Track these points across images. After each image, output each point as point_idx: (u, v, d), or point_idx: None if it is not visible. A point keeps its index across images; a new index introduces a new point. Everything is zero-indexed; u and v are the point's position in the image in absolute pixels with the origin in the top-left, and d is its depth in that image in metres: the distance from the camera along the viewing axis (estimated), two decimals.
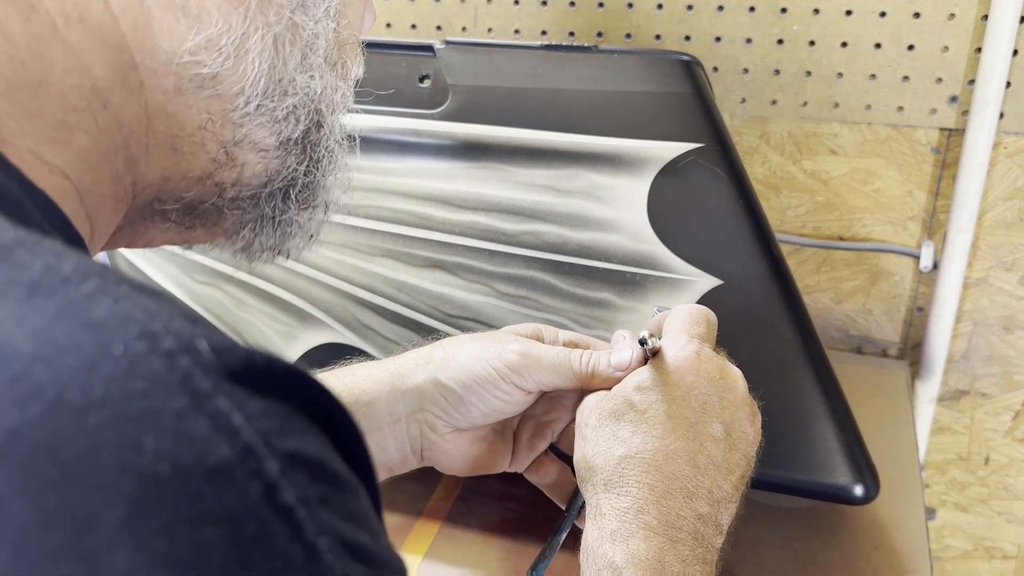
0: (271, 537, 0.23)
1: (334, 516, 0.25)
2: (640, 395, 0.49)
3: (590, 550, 0.47)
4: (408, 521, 0.70)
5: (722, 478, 0.48)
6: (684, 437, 0.48)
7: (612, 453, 0.48)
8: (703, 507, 0.47)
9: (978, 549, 1.01)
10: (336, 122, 0.44)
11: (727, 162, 0.64)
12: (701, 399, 0.49)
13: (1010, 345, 0.91)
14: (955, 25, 0.81)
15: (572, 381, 0.53)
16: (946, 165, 0.87)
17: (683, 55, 0.65)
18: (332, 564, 0.24)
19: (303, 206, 0.44)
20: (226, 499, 0.22)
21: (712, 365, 0.50)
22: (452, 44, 0.69)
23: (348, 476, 0.26)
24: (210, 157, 0.39)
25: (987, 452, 0.96)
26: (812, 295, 0.95)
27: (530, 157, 0.68)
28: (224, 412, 0.23)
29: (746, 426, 0.50)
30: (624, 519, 0.46)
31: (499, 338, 0.56)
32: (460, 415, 0.55)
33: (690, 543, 0.46)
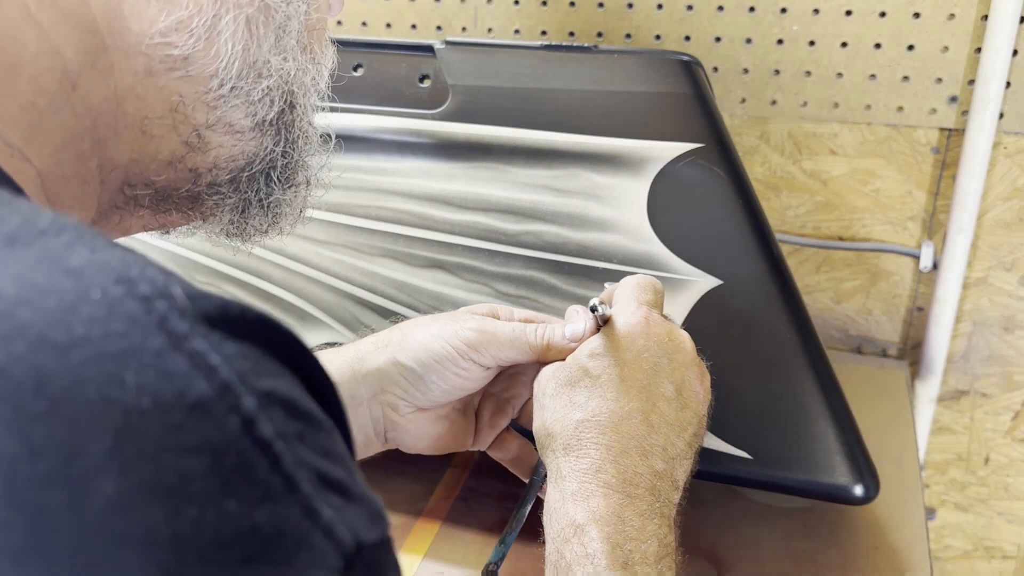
0: (251, 467, 0.24)
1: (310, 452, 0.26)
2: (593, 361, 0.51)
3: (552, 511, 0.48)
4: (408, 521, 0.70)
5: (675, 435, 0.50)
6: (637, 398, 0.49)
7: (569, 418, 0.50)
8: (659, 464, 0.49)
9: (978, 549, 1.01)
10: (308, 103, 0.44)
11: (727, 162, 0.64)
12: (652, 361, 0.51)
13: (1010, 345, 0.91)
14: (955, 25, 0.81)
15: (528, 354, 0.55)
16: (946, 165, 0.87)
17: (683, 55, 0.65)
18: (310, 493, 0.25)
19: (286, 185, 0.45)
20: (207, 431, 0.23)
21: (661, 329, 0.52)
22: (452, 44, 0.69)
23: (322, 417, 0.27)
24: (181, 140, 0.39)
25: (987, 452, 0.96)
26: (812, 295, 0.95)
27: (530, 157, 0.68)
28: (201, 352, 0.24)
29: (696, 385, 0.52)
30: (584, 479, 0.47)
31: (456, 317, 0.57)
32: (421, 394, 0.57)
33: (648, 499, 0.47)
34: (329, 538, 0.25)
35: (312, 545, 0.24)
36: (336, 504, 0.25)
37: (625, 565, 0.45)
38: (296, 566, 0.24)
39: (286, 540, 0.24)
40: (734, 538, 0.67)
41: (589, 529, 0.46)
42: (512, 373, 0.60)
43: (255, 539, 0.23)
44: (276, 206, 0.45)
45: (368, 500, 0.27)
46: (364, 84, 0.72)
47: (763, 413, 0.64)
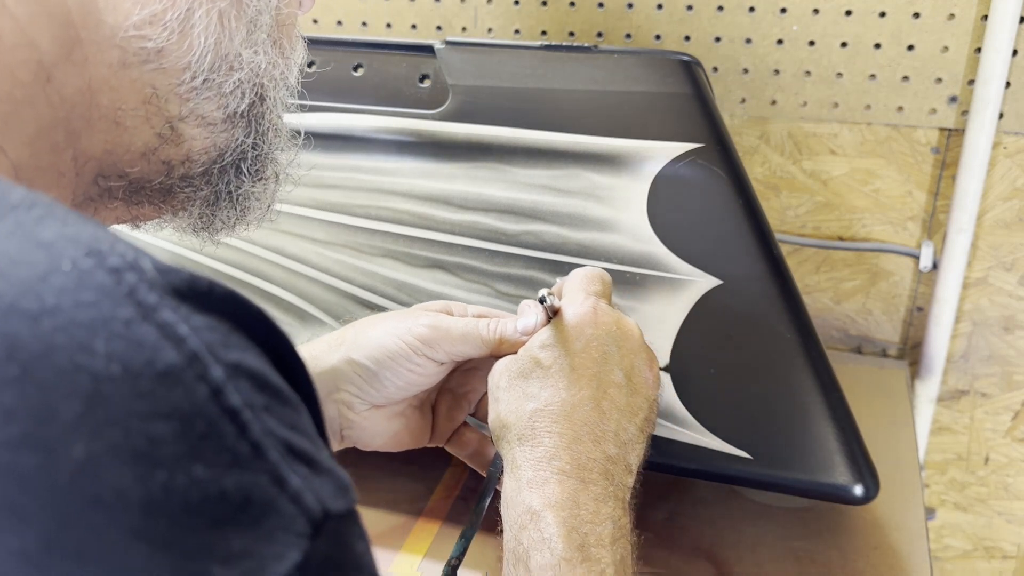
0: (219, 434, 0.24)
1: (277, 423, 0.26)
2: (544, 352, 0.52)
3: (509, 500, 0.49)
4: (408, 521, 0.70)
5: (627, 421, 0.51)
6: (588, 386, 0.51)
7: (523, 409, 0.51)
8: (611, 449, 0.50)
9: (978, 549, 1.01)
10: (278, 97, 0.45)
11: (727, 162, 0.64)
12: (601, 349, 0.52)
13: (1010, 345, 0.91)
14: (955, 25, 0.81)
15: (482, 349, 0.56)
16: (946, 165, 0.87)
17: (683, 55, 0.65)
18: (278, 461, 0.25)
19: (256, 178, 0.45)
20: (175, 398, 0.24)
21: (609, 318, 0.53)
22: (452, 44, 0.69)
23: (290, 393, 0.28)
24: (155, 132, 0.40)
25: (987, 452, 0.96)
26: (812, 295, 0.95)
27: (530, 157, 0.68)
28: (170, 323, 0.25)
29: (645, 371, 0.53)
30: (539, 468, 0.49)
31: (409, 314, 0.58)
32: (376, 391, 0.57)
33: (602, 483, 0.49)
34: (296, 505, 0.25)
35: (280, 511, 0.25)
36: (303, 474, 0.26)
37: (581, 547, 0.46)
38: (264, 531, 0.24)
39: (254, 506, 0.24)
40: (734, 539, 0.67)
41: (545, 515, 0.47)
42: (467, 369, 0.61)
43: (224, 504, 0.24)
44: (245, 199, 0.46)
45: (335, 473, 0.28)
46: (364, 84, 0.72)
47: (763, 413, 0.64)
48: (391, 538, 0.68)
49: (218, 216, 0.46)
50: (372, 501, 0.70)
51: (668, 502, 0.71)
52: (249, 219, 0.47)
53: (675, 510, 0.71)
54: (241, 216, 0.46)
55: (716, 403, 0.65)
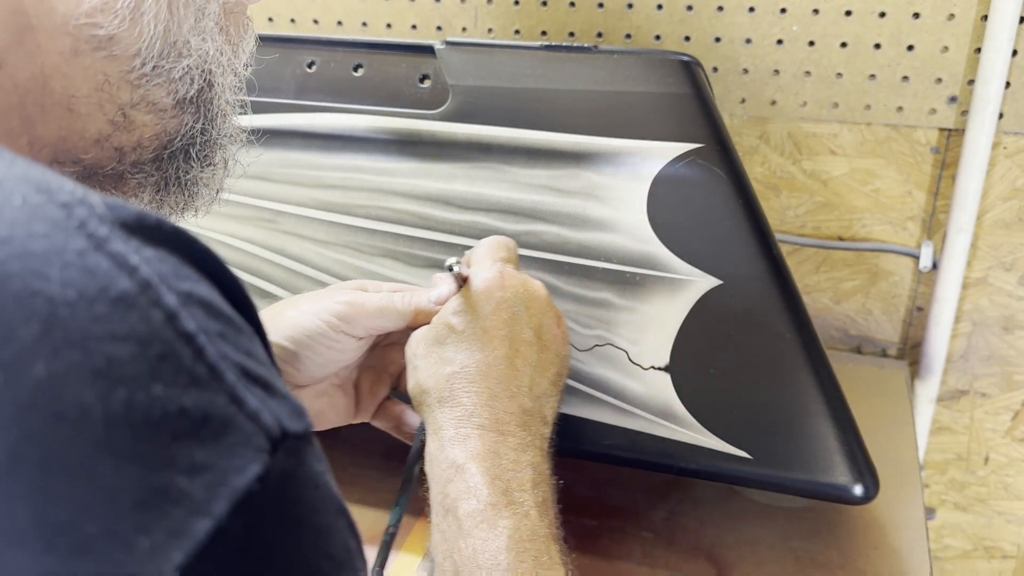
0: (176, 356, 0.25)
1: (232, 349, 0.27)
2: (457, 318, 0.54)
3: (433, 458, 0.52)
4: (408, 521, 0.70)
5: (539, 375, 0.54)
6: (501, 346, 0.53)
7: (441, 373, 0.53)
8: (527, 402, 0.53)
9: (977, 549, 1.01)
10: (226, 83, 0.46)
11: (727, 162, 0.64)
12: (510, 311, 0.54)
13: (1009, 345, 0.91)
14: (955, 25, 0.81)
15: (398, 320, 0.58)
16: (946, 165, 0.87)
17: (683, 55, 0.65)
18: (234, 383, 0.26)
19: (204, 163, 0.46)
20: (131, 322, 0.25)
21: (516, 281, 0.56)
22: (452, 44, 0.69)
23: (241, 321, 0.28)
24: (107, 119, 0.40)
25: (987, 452, 0.96)
26: (811, 295, 0.95)
27: (530, 157, 0.68)
28: (121, 253, 0.25)
29: (553, 328, 0.56)
30: (459, 425, 0.52)
31: (325, 293, 0.60)
32: (297, 371, 0.58)
33: (520, 434, 0.52)
34: (254, 422, 0.26)
35: (239, 427, 0.26)
36: (260, 395, 0.27)
37: (505, 492, 0.49)
38: (224, 445, 0.25)
39: (214, 422, 0.25)
40: (734, 538, 0.67)
41: (469, 466, 0.50)
42: (386, 344, 0.62)
43: (184, 420, 0.25)
44: (193, 184, 0.46)
45: (290, 398, 0.29)
46: (364, 84, 0.72)
47: (763, 413, 0.64)
48: None
49: (167, 202, 0.46)
50: (372, 501, 0.70)
51: (668, 502, 0.71)
52: (197, 204, 0.48)
53: (675, 510, 0.71)
54: (189, 202, 0.47)
55: (716, 403, 0.65)
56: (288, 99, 0.74)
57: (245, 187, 0.75)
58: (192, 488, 0.24)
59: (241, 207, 0.76)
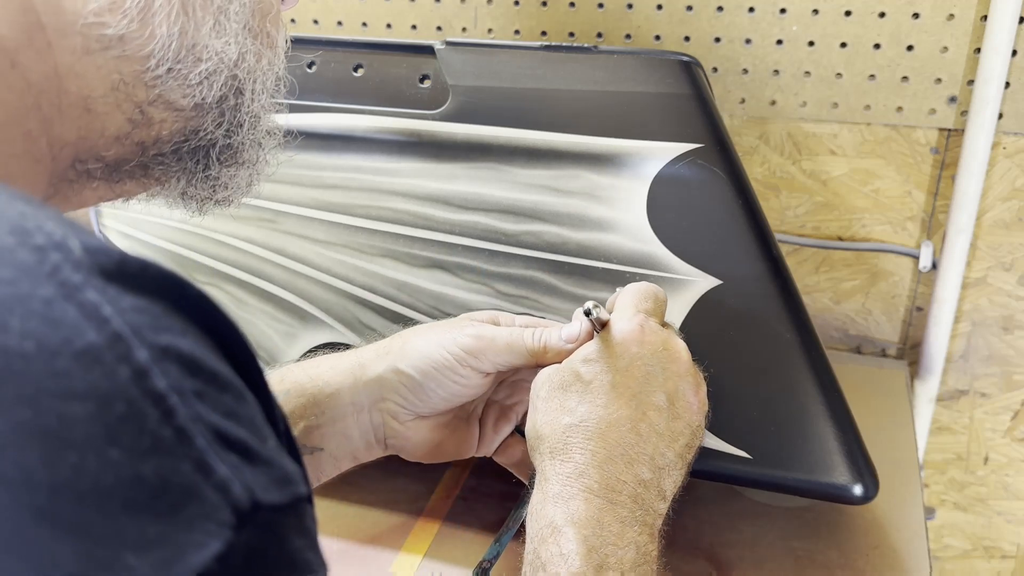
0: (140, 418, 0.23)
1: (211, 410, 0.25)
2: (586, 367, 0.51)
3: (534, 512, 0.49)
4: (408, 521, 0.70)
5: (665, 446, 0.50)
6: (627, 406, 0.49)
7: (559, 422, 0.50)
8: (645, 473, 0.48)
9: (977, 549, 1.01)
10: (261, 88, 0.45)
11: (727, 162, 0.64)
12: (644, 370, 0.51)
13: (1009, 345, 0.91)
14: (954, 25, 0.81)
15: (526, 358, 0.55)
16: (945, 165, 0.87)
17: (683, 55, 0.65)
18: (204, 449, 0.24)
19: (226, 164, 0.45)
20: (93, 379, 0.23)
21: (656, 338, 0.52)
22: (452, 44, 0.69)
23: (231, 378, 0.26)
24: (126, 117, 0.40)
25: (986, 452, 0.96)
26: (811, 295, 0.95)
27: (530, 157, 0.68)
28: (94, 303, 0.24)
29: (690, 396, 0.52)
30: (566, 483, 0.48)
31: (455, 324, 0.58)
32: (420, 402, 0.57)
33: (630, 506, 0.47)
34: (222, 493, 0.24)
35: (203, 499, 0.24)
36: (234, 463, 0.25)
37: (599, 568, 0.45)
38: (184, 519, 0.23)
39: (173, 492, 0.23)
40: (734, 538, 0.68)
41: (566, 530, 0.46)
42: (515, 380, 0.60)
43: (139, 489, 0.23)
44: (214, 180, 0.45)
45: (276, 465, 0.27)
46: (364, 84, 0.72)
47: (763, 413, 0.64)
48: (391, 538, 0.68)
49: (193, 193, 0.45)
50: (372, 501, 0.71)
51: None
52: (221, 198, 0.47)
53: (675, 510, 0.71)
54: (213, 195, 0.46)
55: (716, 403, 0.64)
56: (288, 99, 0.74)
57: None
58: (140, 565, 0.22)
59: (241, 207, 0.76)
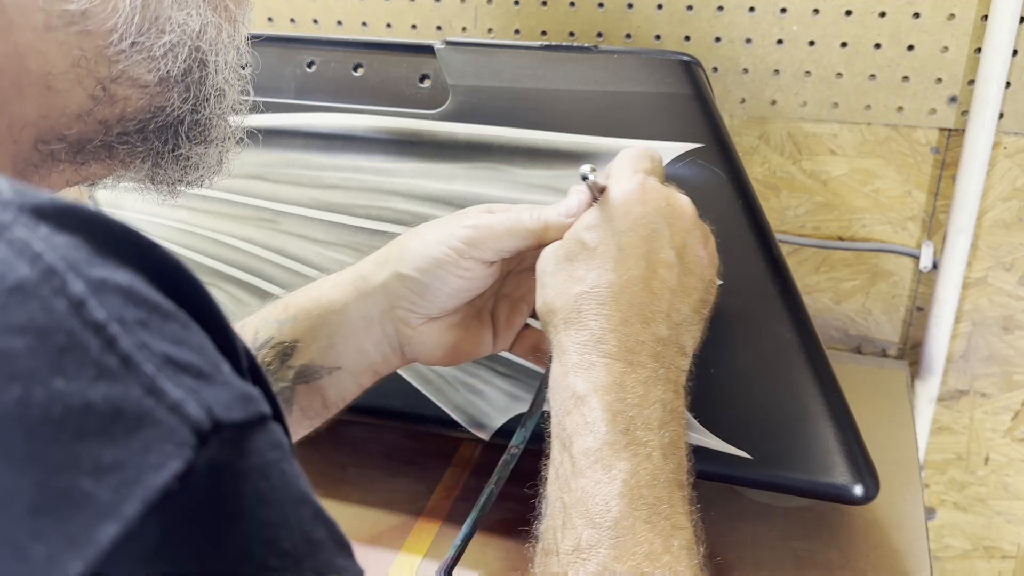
0: (82, 347, 0.23)
1: (155, 337, 0.25)
2: (590, 233, 0.50)
3: (555, 385, 0.48)
4: (408, 521, 0.70)
5: (679, 301, 0.49)
6: (636, 266, 0.48)
7: (569, 292, 0.49)
8: (662, 330, 0.48)
9: (977, 549, 1.01)
10: (224, 61, 0.44)
11: (727, 162, 0.64)
12: (650, 228, 0.49)
13: (1009, 345, 0.91)
14: (955, 25, 0.81)
15: (528, 239, 0.54)
16: (946, 165, 0.87)
17: (683, 55, 0.65)
18: (153, 373, 0.24)
19: (196, 141, 0.45)
20: (29, 313, 0.23)
21: (658, 195, 0.51)
22: (452, 44, 0.69)
23: (173, 309, 0.26)
24: (87, 94, 0.39)
25: (986, 452, 0.96)
26: (812, 295, 0.95)
27: (530, 157, 0.68)
28: (24, 239, 0.24)
29: (699, 249, 0.51)
30: (584, 351, 0.47)
31: (451, 219, 0.57)
32: (428, 303, 0.56)
33: (651, 365, 0.47)
34: (176, 414, 0.24)
35: (157, 421, 0.24)
36: (187, 384, 0.25)
37: (626, 431, 0.44)
38: (139, 442, 0.23)
39: (126, 417, 0.23)
40: (734, 538, 0.67)
41: (589, 399, 0.45)
42: (521, 271, 0.60)
43: (90, 416, 0.23)
44: (184, 159, 0.45)
45: (234, 385, 0.26)
46: (364, 84, 0.72)
47: (763, 413, 0.64)
48: (391, 538, 0.68)
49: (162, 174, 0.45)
50: (372, 501, 0.71)
51: None
52: (193, 178, 0.46)
53: None
54: (183, 175, 0.46)
55: (716, 403, 0.65)
56: (288, 99, 0.74)
57: (245, 187, 0.75)
58: (98, 490, 0.22)
59: (241, 207, 0.76)
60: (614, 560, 0.41)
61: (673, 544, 0.43)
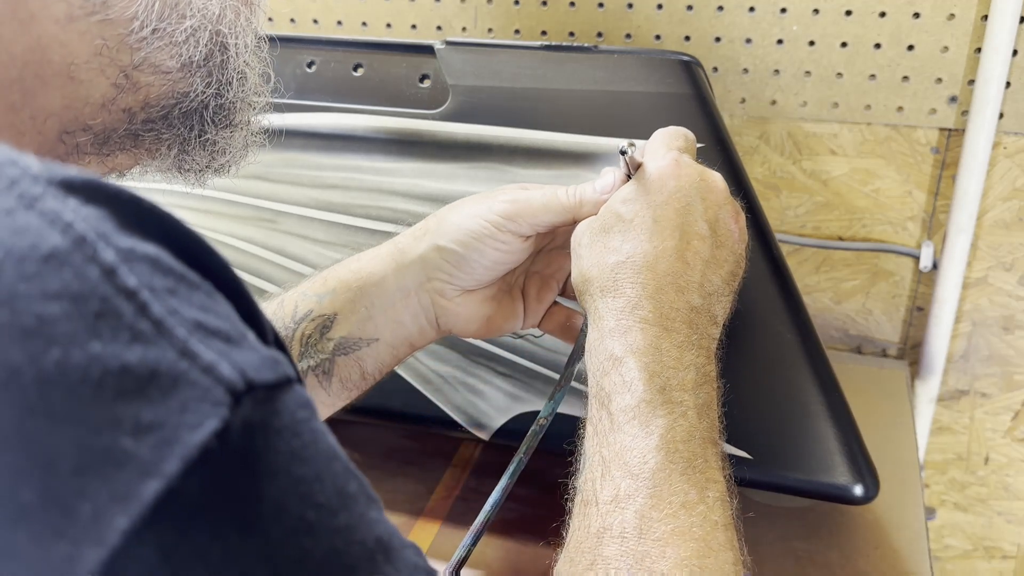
0: (116, 312, 0.24)
1: (184, 304, 0.25)
2: (626, 207, 0.52)
3: (592, 349, 0.50)
4: (408, 521, 0.70)
5: (712, 272, 0.51)
6: (671, 237, 0.50)
7: (605, 262, 0.51)
8: (695, 299, 0.49)
9: (978, 549, 1.01)
10: (243, 44, 0.45)
11: (727, 162, 0.64)
12: (684, 201, 0.51)
13: (1009, 345, 0.91)
14: (955, 25, 0.81)
15: (563, 215, 0.56)
16: (946, 165, 0.87)
17: (683, 55, 0.65)
18: (185, 337, 0.25)
19: (221, 126, 0.45)
20: (64, 279, 0.23)
21: (692, 170, 0.53)
22: (452, 44, 0.69)
23: (198, 279, 0.27)
24: (110, 83, 0.39)
25: (987, 452, 0.96)
26: (812, 295, 0.95)
27: (530, 157, 0.68)
28: (55, 210, 0.24)
29: (730, 223, 0.53)
30: (621, 317, 0.49)
31: (488, 195, 0.58)
32: (465, 275, 0.58)
33: (685, 331, 0.48)
34: (210, 375, 0.25)
35: (192, 382, 0.24)
36: (218, 348, 0.25)
37: (663, 390, 0.46)
38: (176, 402, 0.24)
39: (162, 378, 0.24)
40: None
41: (627, 360, 0.47)
42: (552, 248, 0.61)
43: (127, 377, 0.23)
44: (211, 144, 0.45)
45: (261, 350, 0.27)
46: (364, 84, 0.72)
47: (763, 413, 0.64)
48: None
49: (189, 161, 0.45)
50: None
51: None
52: (221, 164, 0.47)
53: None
54: (211, 160, 0.46)
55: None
56: (288, 99, 0.74)
57: (245, 187, 0.75)
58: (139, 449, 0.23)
59: (241, 207, 0.76)
60: (651, 508, 0.43)
61: (708, 495, 0.44)
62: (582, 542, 0.44)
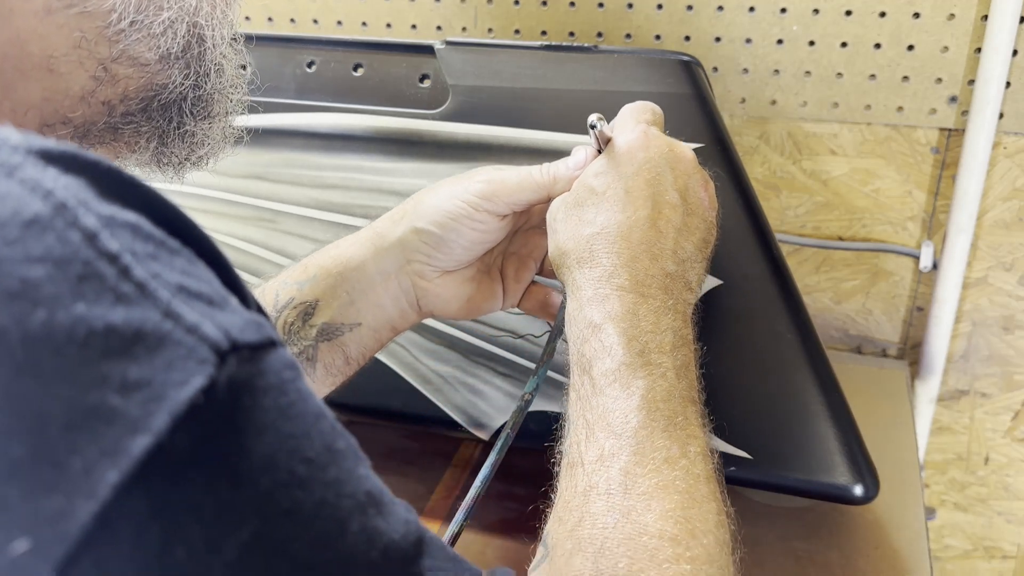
0: (99, 275, 0.24)
1: (166, 268, 0.26)
2: (598, 179, 0.53)
3: (572, 318, 0.51)
4: None
5: (684, 239, 0.52)
6: (644, 207, 0.51)
7: (580, 235, 0.52)
8: (670, 266, 0.51)
9: (978, 549, 1.01)
10: (220, 37, 0.45)
11: (727, 162, 0.64)
12: (654, 171, 0.53)
13: (1009, 345, 0.91)
14: (955, 25, 0.81)
15: (538, 192, 0.57)
16: (946, 165, 0.87)
17: (683, 55, 0.65)
18: (168, 299, 0.25)
19: (199, 117, 0.45)
20: (47, 244, 0.24)
21: (661, 142, 0.54)
22: (452, 44, 0.69)
23: (178, 246, 0.27)
24: (89, 75, 0.40)
25: (987, 452, 0.96)
26: (812, 295, 0.95)
27: (530, 157, 0.68)
28: (35, 178, 0.25)
29: (700, 192, 0.54)
30: (598, 285, 0.50)
31: (463, 176, 0.60)
32: (444, 256, 0.59)
33: (661, 297, 0.50)
34: (194, 335, 0.25)
35: (177, 341, 0.25)
36: (201, 309, 0.26)
37: (641, 353, 0.47)
38: (162, 360, 0.24)
39: (147, 338, 0.24)
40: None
41: (606, 327, 0.48)
42: (528, 228, 0.62)
43: (114, 337, 0.24)
44: (190, 136, 0.46)
45: (243, 313, 0.27)
46: (364, 84, 0.72)
47: (763, 413, 0.64)
48: None
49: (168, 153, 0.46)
50: None
51: None
52: (201, 155, 0.47)
53: None
54: (190, 152, 0.46)
55: (716, 403, 0.64)
56: (288, 99, 0.74)
57: (245, 187, 0.75)
58: (127, 406, 0.24)
59: (241, 207, 0.76)
60: (635, 465, 0.44)
61: (689, 450, 0.45)
62: (569, 501, 0.44)
